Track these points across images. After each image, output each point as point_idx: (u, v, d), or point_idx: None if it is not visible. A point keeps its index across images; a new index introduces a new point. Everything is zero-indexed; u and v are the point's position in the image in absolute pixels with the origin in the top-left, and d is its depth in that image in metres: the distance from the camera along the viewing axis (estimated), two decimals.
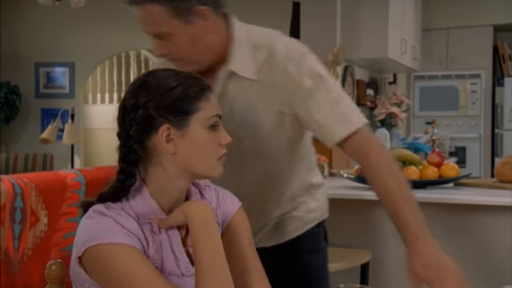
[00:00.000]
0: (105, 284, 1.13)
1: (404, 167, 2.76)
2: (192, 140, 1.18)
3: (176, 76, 1.20)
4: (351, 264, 2.54)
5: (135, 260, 1.11)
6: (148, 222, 1.20)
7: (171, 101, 1.16)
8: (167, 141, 1.17)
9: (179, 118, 1.16)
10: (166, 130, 1.16)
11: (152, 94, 1.17)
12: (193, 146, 1.18)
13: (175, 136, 1.17)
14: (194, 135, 1.18)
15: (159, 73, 1.22)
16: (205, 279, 1.12)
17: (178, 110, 1.16)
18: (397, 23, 4.58)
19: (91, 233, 1.12)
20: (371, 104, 5.06)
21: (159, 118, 1.16)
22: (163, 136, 1.16)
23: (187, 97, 1.17)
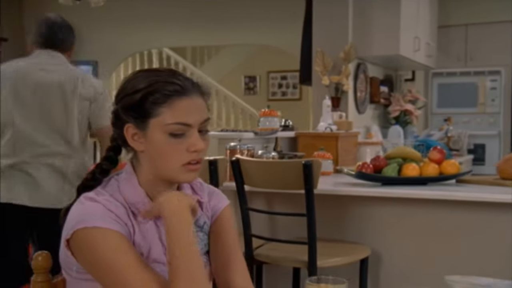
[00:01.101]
0: (89, 267, 1.19)
1: (404, 164, 2.79)
2: (152, 142, 1.22)
3: (149, 78, 1.23)
4: (350, 259, 2.58)
5: (119, 245, 1.16)
6: (136, 210, 1.25)
7: (133, 103, 1.21)
8: (133, 139, 1.23)
9: (139, 119, 1.21)
10: (130, 129, 1.22)
11: (122, 93, 1.24)
12: (154, 148, 1.22)
13: (139, 136, 1.22)
14: (154, 138, 1.21)
15: (140, 73, 1.27)
16: (178, 271, 1.15)
17: (137, 112, 1.21)
18: (410, 20, 4.57)
19: (80, 217, 1.18)
20: (385, 102, 5.07)
21: (124, 117, 1.23)
22: (128, 134, 1.23)
23: (147, 101, 1.20)
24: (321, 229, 2.83)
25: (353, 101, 4.53)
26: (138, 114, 1.21)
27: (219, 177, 2.58)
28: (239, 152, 2.92)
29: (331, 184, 2.98)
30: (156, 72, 1.26)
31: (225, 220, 1.39)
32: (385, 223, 2.80)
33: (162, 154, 1.22)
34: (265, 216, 2.96)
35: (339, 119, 4.15)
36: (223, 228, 1.37)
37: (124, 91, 1.25)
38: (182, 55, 8.88)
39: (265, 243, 2.74)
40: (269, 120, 3.34)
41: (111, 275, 1.16)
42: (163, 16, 7.33)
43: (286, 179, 2.48)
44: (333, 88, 4.32)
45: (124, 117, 1.23)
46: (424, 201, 2.71)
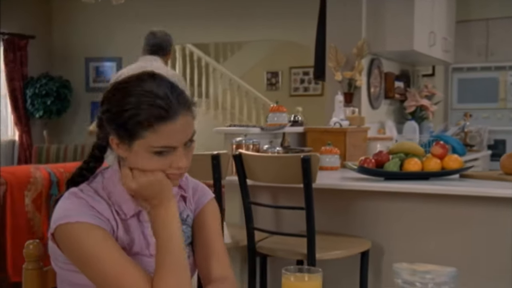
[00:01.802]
0: (73, 259, 1.25)
1: (406, 159, 2.81)
2: (136, 157, 1.24)
3: (135, 97, 1.22)
4: (351, 252, 2.62)
5: (100, 239, 1.22)
6: (119, 207, 1.30)
7: (118, 121, 1.23)
8: (117, 147, 1.27)
9: (124, 137, 1.23)
10: (114, 140, 1.26)
11: (108, 105, 1.25)
12: (137, 161, 1.25)
13: (123, 147, 1.26)
14: (138, 154, 1.24)
15: (128, 86, 1.25)
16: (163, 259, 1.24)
17: (122, 131, 1.23)
18: (424, 15, 4.56)
19: (63, 212, 1.25)
20: (401, 97, 5.07)
21: (108, 129, 1.26)
22: (113, 143, 1.27)
23: (133, 124, 1.21)
24: (324, 222, 2.88)
25: (367, 96, 4.54)
26: (123, 132, 1.23)
27: (222, 171, 2.64)
28: (245, 146, 2.98)
29: (336, 179, 3.02)
30: (139, 86, 1.23)
31: (208, 213, 1.44)
32: (387, 217, 2.83)
33: (145, 167, 1.25)
34: (270, 209, 3.02)
35: (352, 114, 4.18)
36: (206, 221, 1.43)
37: (109, 103, 1.25)
38: (206, 51, 8.96)
39: (269, 236, 2.80)
40: (277, 115, 3.40)
41: (93, 267, 1.22)
42: (187, 12, 7.43)
43: (286, 173, 2.53)
44: (346, 83, 4.35)
45: (108, 129, 1.25)
46: (426, 196, 2.73)
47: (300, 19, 6.65)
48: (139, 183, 1.25)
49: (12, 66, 7.56)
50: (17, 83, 7.61)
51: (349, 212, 2.90)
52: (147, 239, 1.33)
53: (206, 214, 1.44)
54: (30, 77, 7.69)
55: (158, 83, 1.24)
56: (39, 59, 7.90)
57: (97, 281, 1.23)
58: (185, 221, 1.41)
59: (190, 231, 1.42)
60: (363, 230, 2.85)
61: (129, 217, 1.31)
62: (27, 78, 7.70)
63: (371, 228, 2.85)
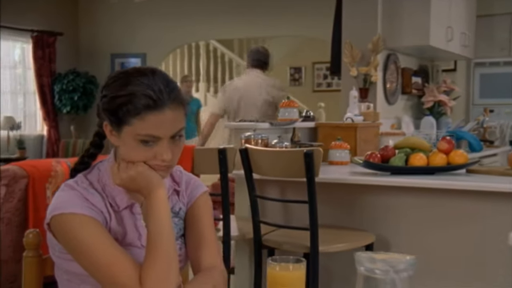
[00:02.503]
0: (68, 249, 1.32)
1: (412, 154, 2.83)
2: (124, 144, 1.32)
3: (129, 86, 1.28)
4: (354, 245, 2.65)
5: (93, 230, 1.29)
6: (113, 200, 1.36)
7: (110, 108, 1.30)
8: (110, 134, 1.34)
9: (114, 123, 1.31)
10: (107, 126, 1.33)
11: (105, 92, 1.34)
12: (125, 149, 1.32)
13: (115, 134, 1.32)
14: (126, 141, 1.31)
15: (124, 76, 1.32)
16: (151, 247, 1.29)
17: (113, 116, 1.30)
18: (441, 10, 4.55)
19: (58, 204, 1.31)
20: (418, 92, 5.06)
21: (103, 115, 1.34)
22: (106, 129, 1.34)
23: (121, 110, 1.28)
24: (330, 216, 2.93)
25: (382, 92, 4.55)
26: (114, 118, 1.30)
27: (229, 165, 2.71)
28: (254, 141, 3.04)
29: (344, 173, 3.05)
30: (138, 78, 1.29)
31: (200, 206, 1.49)
32: (393, 211, 2.86)
33: (131, 156, 1.31)
34: (279, 203, 3.07)
35: (367, 110, 4.20)
36: (198, 214, 1.48)
37: (107, 89, 1.32)
38: (230, 47, 9.04)
39: (276, 229, 2.85)
40: (288, 111, 3.44)
41: (86, 256, 1.28)
42: (211, 8, 7.51)
43: (290, 167, 2.58)
44: (361, 79, 4.37)
45: (102, 115, 1.34)
46: (431, 191, 2.74)
47: (324, 15, 6.64)
48: (122, 178, 1.32)
49: (41, 62, 7.76)
50: (46, 79, 7.81)
51: (355, 206, 2.93)
52: (139, 231, 1.39)
53: (198, 206, 1.48)
54: (58, 73, 7.89)
55: (155, 78, 1.30)
56: (67, 56, 8.09)
57: (90, 270, 1.29)
58: (178, 214, 1.47)
59: (182, 223, 1.47)
60: (368, 224, 2.88)
61: (122, 209, 1.37)
62: (55, 74, 7.90)
63: (376, 222, 2.88)
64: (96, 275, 1.29)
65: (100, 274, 1.28)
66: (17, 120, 7.41)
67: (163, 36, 7.71)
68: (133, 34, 7.93)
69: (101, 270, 1.27)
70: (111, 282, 1.27)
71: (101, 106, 1.34)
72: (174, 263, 1.31)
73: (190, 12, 7.57)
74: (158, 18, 7.72)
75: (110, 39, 8.08)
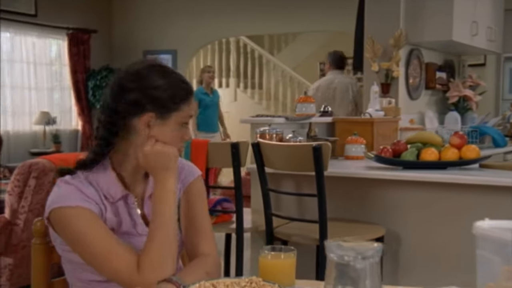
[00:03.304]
0: (67, 241, 1.38)
1: (423, 149, 2.85)
2: (166, 131, 1.39)
3: (170, 76, 1.41)
4: (363, 238, 2.69)
5: (89, 220, 1.35)
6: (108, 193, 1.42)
7: (164, 96, 1.38)
8: (146, 126, 1.40)
9: (165, 111, 1.39)
10: (146, 117, 1.38)
11: (148, 84, 1.38)
12: (164, 135, 1.39)
13: (154, 124, 1.39)
14: (169, 127, 1.40)
15: (157, 69, 1.42)
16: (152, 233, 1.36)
17: (166, 105, 1.39)
18: (466, 4, 4.51)
19: (55, 198, 1.36)
20: (442, 87, 5.02)
21: (148, 106, 1.38)
22: (142, 121, 1.38)
23: (176, 96, 1.39)
24: (341, 210, 2.98)
25: (405, 87, 4.55)
26: (164, 107, 1.38)
27: (241, 159, 2.78)
28: (268, 136, 3.11)
29: (358, 168, 3.09)
30: (168, 70, 1.44)
31: (194, 191, 1.56)
32: (400, 205, 2.88)
33: (169, 139, 1.40)
34: (293, 197, 3.13)
35: (388, 105, 4.21)
36: (192, 198, 1.55)
37: (147, 84, 1.39)
38: (260, 43, 9.10)
39: (289, 222, 2.91)
40: (305, 106, 3.49)
41: (84, 246, 1.35)
42: (241, 5, 7.57)
43: (299, 161, 2.63)
44: (383, 74, 4.38)
45: (147, 107, 1.38)
46: (443, 185, 2.76)
47: (353, 9, 6.63)
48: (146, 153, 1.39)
49: (76, 59, 7.98)
50: (80, 76, 8.02)
51: (367, 200, 2.97)
52: (134, 220, 1.46)
53: (192, 192, 1.55)
54: (92, 70, 8.09)
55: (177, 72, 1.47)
56: (101, 52, 8.29)
57: (87, 259, 1.36)
58: None
59: (176, 208, 1.55)
60: (380, 218, 2.91)
61: (117, 200, 1.43)
62: (89, 70, 8.10)
63: (388, 216, 2.91)
64: (94, 264, 1.35)
65: (98, 262, 1.34)
66: (52, 115, 7.63)
67: (194, 33, 7.83)
68: (164, 31, 8.07)
69: (98, 258, 1.34)
70: (109, 269, 1.34)
71: (143, 98, 1.37)
72: (171, 250, 1.37)
73: (221, 8, 7.66)
74: (189, 15, 7.83)
75: (142, 36, 8.24)
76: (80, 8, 8.10)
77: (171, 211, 1.39)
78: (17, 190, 3.72)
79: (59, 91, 8.04)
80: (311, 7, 7.22)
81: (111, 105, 1.40)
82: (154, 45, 8.14)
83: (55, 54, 8.01)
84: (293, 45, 9.50)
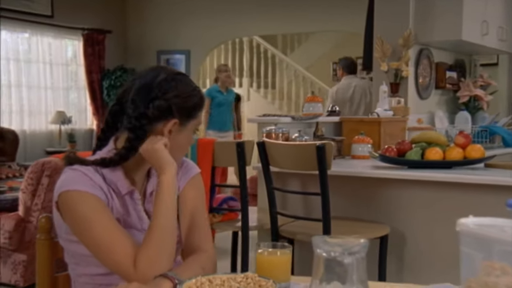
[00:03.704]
0: (72, 225, 1.41)
1: (428, 148, 2.87)
2: (183, 137, 1.48)
3: (192, 84, 1.50)
4: (367, 236, 2.71)
5: (95, 206, 1.38)
6: (115, 186, 1.46)
7: (189, 105, 1.47)
8: (169, 132, 1.46)
9: (186, 119, 1.47)
10: (170, 124, 1.44)
11: (178, 93, 1.45)
12: (181, 141, 1.48)
13: (175, 130, 1.46)
14: (186, 133, 1.49)
15: (185, 78, 1.50)
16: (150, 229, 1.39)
17: (189, 113, 1.47)
18: (476, 4, 4.50)
19: (64, 183, 1.39)
20: (453, 87, 5.02)
21: (175, 113, 1.44)
22: (167, 127, 1.44)
23: (197, 106, 1.49)
24: (346, 209, 3.01)
25: (414, 87, 4.56)
26: (188, 114, 1.47)
27: (246, 158, 2.82)
28: (274, 135, 3.14)
29: (363, 167, 3.11)
30: (190, 80, 1.52)
31: (191, 188, 1.60)
32: (405, 204, 2.90)
33: (183, 146, 1.50)
34: (299, 196, 3.17)
35: (397, 104, 4.23)
36: (190, 195, 1.59)
37: (177, 92, 1.45)
38: (273, 43, 9.13)
39: (295, 221, 2.95)
40: (312, 105, 3.52)
41: (89, 232, 1.37)
42: (254, 4, 7.61)
43: (303, 160, 2.67)
44: (392, 74, 4.39)
45: (175, 114, 1.44)
46: (448, 185, 2.77)
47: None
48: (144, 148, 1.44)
49: (91, 59, 8.08)
50: (95, 76, 8.12)
51: (372, 199, 2.99)
52: (139, 215, 1.50)
53: (190, 189, 1.59)
54: (107, 70, 8.18)
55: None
56: (115, 53, 8.38)
57: (90, 245, 1.38)
58: None
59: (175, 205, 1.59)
60: (385, 217, 2.94)
61: (123, 194, 1.47)
62: (104, 70, 8.20)
63: (393, 215, 2.93)
64: (96, 252, 1.38)
65: (101, 250, 1.36)
66: (68, 114, 7.74)
67: (207, 33, 7.88)
68: (178, 31, 8.14)
69: (101, 245, 1.36)
70: (110, 259, 1.36)
71: (173, 105, 1.43)
72: (168, 246, 1.40)
73: (234, 8, 7.70)
74: (203, 15, 7.88)
75: (156, 37, 8.31)
76: (96, 9, 8.20)
77: (168, 206, 1.41)
78: (30, 188, 3.80)
79: (75, 91, 8.15)
80: (325, 7, 7.24)
81: (141, 109, 1.43)
82: (167, 45, 8.21)
83: (71, 54, 8.11)
84: (306, 45, 9.52)
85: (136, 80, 1.47)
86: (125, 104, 1.47)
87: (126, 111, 1.46)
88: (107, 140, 1.52)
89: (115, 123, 1.51)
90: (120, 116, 1.49)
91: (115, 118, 1.51)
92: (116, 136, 1.50)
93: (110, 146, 1.50)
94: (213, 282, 1.32)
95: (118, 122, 1.50)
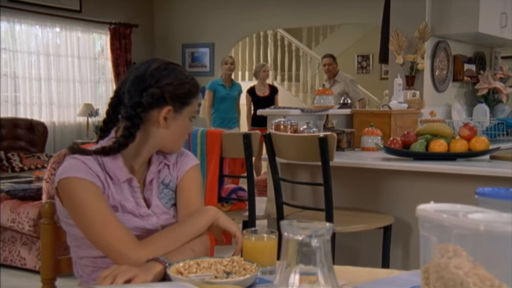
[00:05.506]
0: (69, 209, 1.50)
1: (432, 140, 2.89)
2: (179, 124, 1.56)
3: (185, 73, 1.57)
4: (370, 226, 2.77)
5: (92, 193, 1.46)
6: (114, 175, 1.54)
7: (182, 92, 1.54)
8: (164, 120, 1.55)
9: (180, 105, 1.54)
10: (165, 111, 1.52)
11: (171, 80, 1.53)
12: (177, 128, 1.56)
13: (170, 117, 1.54)
14: (182, 120, 1.56)
15: (177, 67, 1.58)
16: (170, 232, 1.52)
17: (182, 100, 1.54)
18: None
19: (64, 169, 1.48)
20: (471, 80, 4.99)
21: (168, 100, 1.53)
22: (162, 114, 1.52)
23: (190, 93, 1.55)
24: (352, 199, 3.06)
25: (431, 79, 4.56)
26: (180, 101, 1.54)
27: (253, 149, 2.89)
28: (283, 127, 3.21)
29: (372, 159, 3.15)
30: (183, 69, 1.60)
31: (189, 178, 1.68)
32: (408, 195, 2.94)
33: (180, 133, 1.58)
34: (308, 186, 3.23)
35: (412, 97, 4.24)
36: (187, 185, 1.67)
37: (168, 79, 1.53)
38: (298, 36, 9.16)
39: (302, 211, 3.01)
40: (323, 98, 3.57)
41: (83, 215, 1.46)
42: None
43: (307, 151, 2.72)
44: (408, 66, 4.40)
45: (169, 101, 1.52)
46: (452, 176, 2.80)
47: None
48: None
49: (118, 53, 8.24)
50: (122, 69, 8.28)
51: (378, 190, 3.04)
52: (137, 201, 1.58)
53: (187, 179, 1.67)
54: (133, 63, 8.33)
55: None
56: (142, 46, 8.53)
57: (85, 229, 1.47)
58: (168, 185, 1.66)
59: (172, 194, 1.66)
60: (390, 207, 2.98)
61: (122, 182, 1.56)
62: (130, 64, 8.35)
63: (397, 205, 2.97)
64: (90, 234, 1.47)
65: (95, 234, 1.45)
66: (95, 107, 7.92)
67: (231, 26, 7.96)
68: (203, 25, 8.24)
69: (94, 229, 1.45)
70: (102, 241, 1.45)
71: (166, 92, 1.52)
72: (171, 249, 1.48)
73: (258, 1, 7.76)
74: (227, 9, 7.96)
75: (182, 30, 8.43)
76: (122, 4, 8.36)
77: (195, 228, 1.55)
78: (53, 178, 3.93)
79: (102, 84, 8.33)
80: (349, 0, 7.24)
81: (136, 99, 1.52)
82: (192, 38, 8.32)
83: (99, 48, 8.29)
84: (331, 38, 9.51)
85: (132, 73, 1.57)
86: (122, 95, 1.56)
87: (123, 102, 1.56)
88: (109, 131, 1.61)
89: (116, 114, 1.60)
90: (119, 107, 1.57)
91: (115, 110, 1.60)
92: (117, 127, 1.58)
93: (111, 136, 1.58)
94: (201, 265, 1.40)
95: (118, 114, 1.59)
